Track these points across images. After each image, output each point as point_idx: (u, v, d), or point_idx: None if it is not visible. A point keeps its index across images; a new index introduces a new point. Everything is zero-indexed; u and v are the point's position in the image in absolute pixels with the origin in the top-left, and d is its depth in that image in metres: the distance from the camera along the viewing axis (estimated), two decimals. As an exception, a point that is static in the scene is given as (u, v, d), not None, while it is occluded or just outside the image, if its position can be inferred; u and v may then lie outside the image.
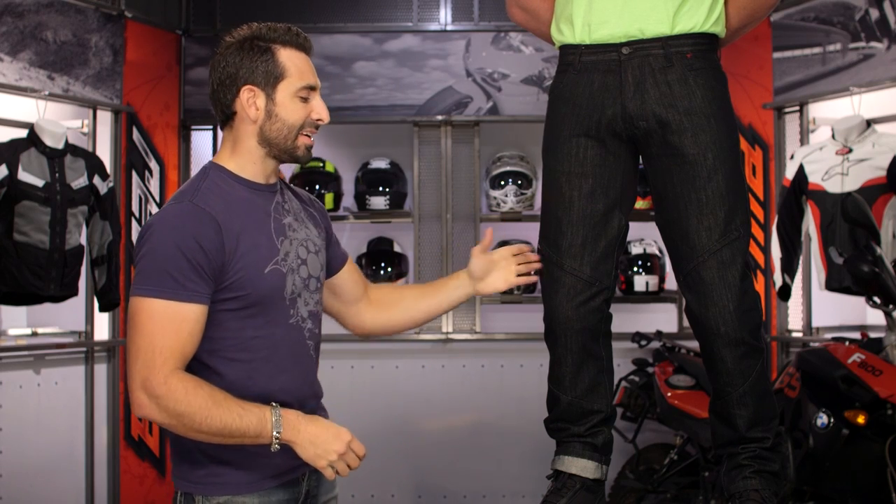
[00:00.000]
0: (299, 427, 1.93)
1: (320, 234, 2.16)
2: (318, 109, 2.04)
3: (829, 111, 4.71)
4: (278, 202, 2.07)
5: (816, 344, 4.35)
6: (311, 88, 2.03)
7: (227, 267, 1.93)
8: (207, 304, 1.92)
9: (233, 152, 2.03)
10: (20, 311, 4.79)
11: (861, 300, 3.81)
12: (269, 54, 2.00)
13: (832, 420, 3.31)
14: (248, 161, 2.03)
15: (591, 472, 2.30)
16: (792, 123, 4.95)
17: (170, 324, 1.87)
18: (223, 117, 2.04)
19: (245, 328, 1.97)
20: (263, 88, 1.99)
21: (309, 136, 2.04)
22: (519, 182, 5.37)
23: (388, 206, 5.39)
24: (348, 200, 5.50)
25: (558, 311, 2.28)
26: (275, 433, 1.90)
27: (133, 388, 1.88)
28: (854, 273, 3.52)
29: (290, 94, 2.00)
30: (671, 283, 5.30)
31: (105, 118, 4.97)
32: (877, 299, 3.51)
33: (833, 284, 4.27)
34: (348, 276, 2.29)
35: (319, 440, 1.93)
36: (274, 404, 1.93)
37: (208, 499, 1.97)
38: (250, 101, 1.99)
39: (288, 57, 2.01)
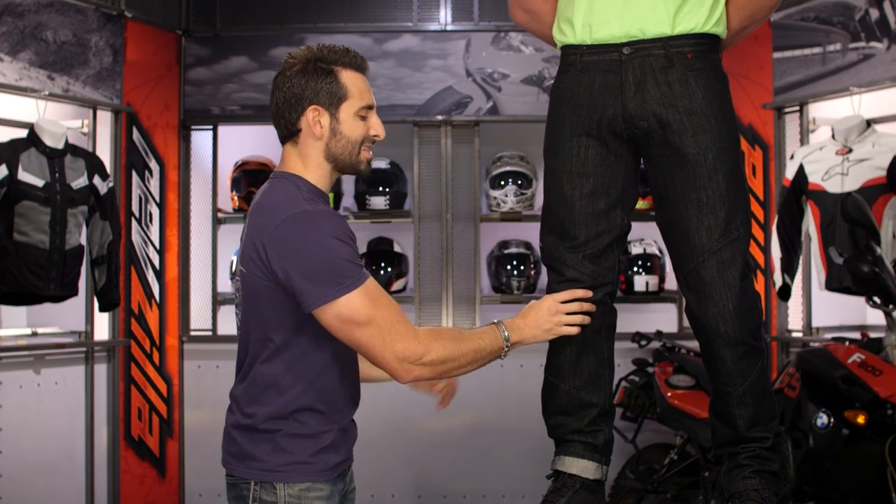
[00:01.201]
0: (519, 324, 2.20)
1: None
2: (376, 126, 2.19)
3: (829, 111, 4.71)
4: None
5: (816, 344, 4.35)
6: (370, 108, 2.18)
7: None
8: None
9: (305, 166, 2.15)
10: (20, 311, 4.79)
11: (861, 300, 3.81)
12: (332, 76, 2.12)
13: (832, 420, 3.31)
14: (320, 175, 2.16)
15: (591, 472, 2.30)
16: (792, 123, 4.95)
17: (382, 296, 2.05)
18: (286, 133, 2.16)
19: None
20: (328, 108, 2.12)
21: (369, 151, 2.20)
22: (519, 182, 5.37)
23: (388, 206, 5.40)
24: (348, 200, 5.50)
25: None
26: (505, 345, 2.17)
27: (393, 368, 2.04)
28: (854, 273, 3.52)
29: (352, 114, 2.14)
30: (671, 283, 5.30)
31: (105, 118, 4.97)
32: (877, 299, 3.51)
33: (833, 284, 4.27)
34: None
35: (539, 326, 2.21)
36: (496, 321, 2.19)
37: (291, 485, 2.08)
38: (315, 119, 2.12)
39: (349, 78, 2.14)
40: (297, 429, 2.09)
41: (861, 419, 3.26)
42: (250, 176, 5.39)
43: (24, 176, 4.21)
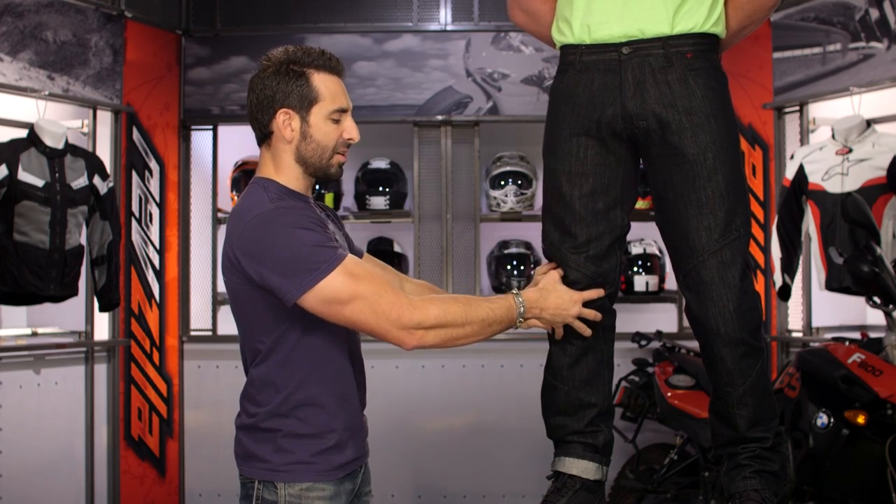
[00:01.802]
0: (541, 304, 2.17)
1: (344, 239, 2.28)
2: (349, 129, 2.16)
3: (829, 111, 4.71)
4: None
5: (816, 344, 4.35)
6: (343, 111, 2.15)
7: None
8: None
9: (277, 168, 2.15)
10: (20, 311, 4.79)
11: (861, 300, 3.81)
12: (303, 79, 2.11)
13: (832, 420, 3.31)
14: (292, 177, 2.14)
15: (592, 473, 2.30)
16: (792, 123, 4.95)
17: (364, 270, 2.02)
18: (261, 135, 2.16)
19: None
20: (298, 111, 2.11)
21: (343, 154, 2.17)
22: (519, 182, 5.37)
23: (388, 206, 5.40)
24: (348, 200, 5.50)
25: None
26: (519, 319, 2.14)
27: (393, 337, 2.03)
28: (854, 273, 3.52)
29: (323, 117, 2.12)
30: (671, 283, 5.30)
31: (105, 118, 4.97)
32: (877, 299, 3.51)
33: (833, 284, 4.27)
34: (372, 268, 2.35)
35: (560, 310, 2.18)
36: (515, 290, 2.17)
37: (291, 485, 2.08)
38: (286, 122, 2.11)
39: (321, 81, 2.12)
40: (298, 427, 2.09)
41: (861, 419, 3.26)
42: (250, 176, 5.29)
43: (24, 176, 4.21)
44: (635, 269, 5.32)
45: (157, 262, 5.27)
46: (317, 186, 5.30)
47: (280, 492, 2.09)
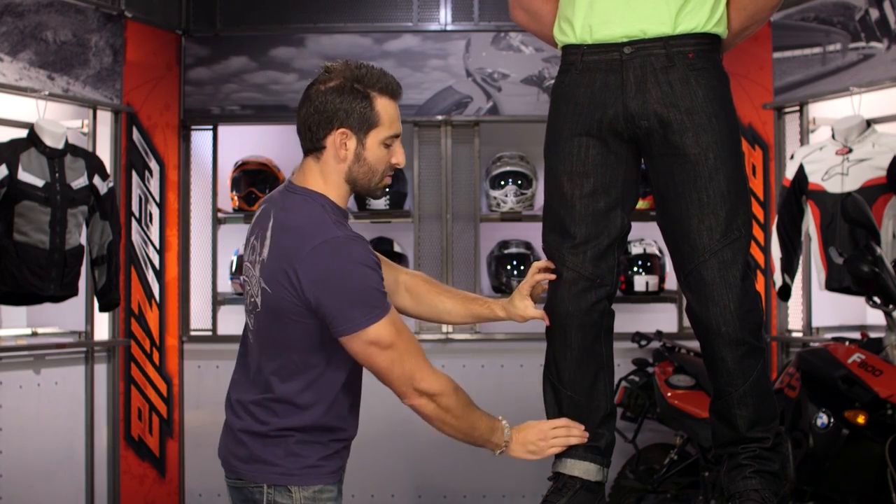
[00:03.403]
0: (515, 439, 2.24)
1: None
2: (398, 155, 2.18)
3: (829, 111, 4.71)
4: None
5: (816, 344, 4.35)
6: (396, 136, 2.17)
7: None
8: None
9: (326, 184, 2.14)
10: (20, 311, 4.79)
11: (861, 300, 3.81)
12: (367, 101, 2.09)
13: (832, 420, 3.31)
14: (340, 194, 2.16)
15: (593, 474, 2.30)
16: (792, 123, 4.95)
17: (403, 324, 2.10)
18: (311, 147, 2.13)
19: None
20: (356, 133, 2.10)
21: (389, 178, 2.23)
22: (519, 182, 5.37)
23: (388, 206, 5.39)
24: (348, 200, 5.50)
25: (559, 306, 2.29)
26: (504, 443, 2.22)
27: (401, 389, 2.10)
28: (854, 273, 3.52)
29: (379, 142, 2.13)
30: (671, 283, 5.30)
31: (105, 118, 4.97)
32: (877, 299, 3.50)
33: (833, 284, 4.27)
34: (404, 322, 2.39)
35: (525, 446, 2.26)
36: (500, 418, 2.24)
37: (305, 488, 2.10)
38: (342, 142, 2.10)
39: (383, 106, 2.12)
40: (309, 437, 2.12)
41: (861, 419, 3.26)
42: (250, 176, 5.39)
43: (24, 176, 4.21)
44: (635, 269, 5.32)
45: (157, 262, 5.27)
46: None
47: (295, 495, 2.10)
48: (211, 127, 5.48)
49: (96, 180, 4.51)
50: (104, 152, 4.87)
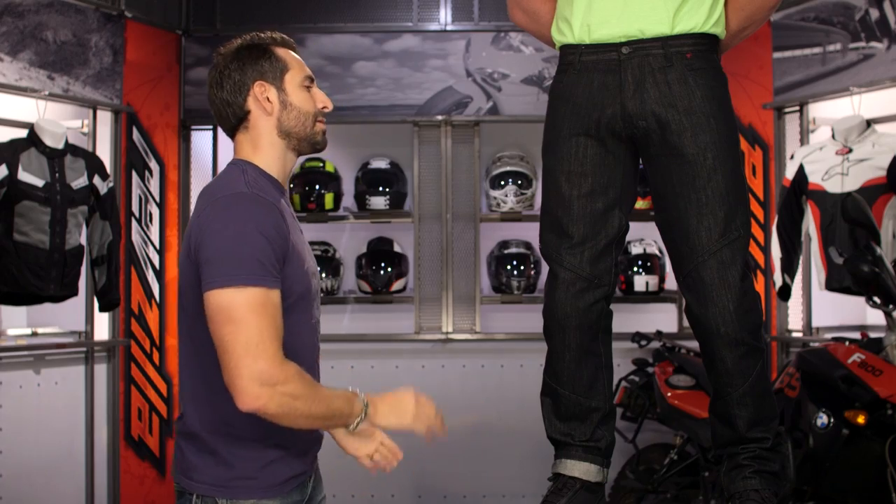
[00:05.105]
0: (379, 407, 2.08)
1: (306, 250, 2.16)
2: (321, 98, 2.11)
3: (829, 111, 4.71)
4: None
5: (816, 344, 4.35)
6: (311, 79, 2.11)
7: (287, 258, 1.95)
8: None
9: (255, 150, 2.05)
10: (20, 311, 4.79)
11: (861, 300, 3.81)
12: (268, 53, 2.07)
13: (832, 420, 3.31)
14: (272, 157, 2.05)
15: (593, 475, 2.30)
16: (792, 123, 4.95)
17: (268, 310, 1.86)
18: (235, 120, 2.06)
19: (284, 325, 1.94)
20: (272, 82, 2.05)
21: (323, 123, 2.11)
22: (519, 182, 5.37)
23: (388, 206, 5.39)
24: (348, 200, 5.50)
25: (557, 306, 2.29)
26: (361, 416, 2.02)
27: (241, 382, 1.82)
28: (854, 273, 3.52)
29: (297, 85, 2.07)
30: (671, 283, 5.30)
31: (105, 118, 4.97)
32: (877, 299, 3.50)
33: (833, 284, 4.27)
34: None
35: (403, 412, 2.19)
36: (353, 389, 2.02)
37: (234, 502, 1.96)
38: (263, 94, 2.04)
39: (284, 53, 2.09)
40: (242, 432, 1.95)
41: (861, 419, 3.26)
42: (250, 176, 5.38)
43: (24, 176, 4.21)
44: (635, 269, 5.32)
45: (157, 262, 5.26)
46: (317, 186, 5.31)
47: None
48: (211, 127, 5.48)
49: (96, 180, 4.51)
50: (104, 152, 4.87)
